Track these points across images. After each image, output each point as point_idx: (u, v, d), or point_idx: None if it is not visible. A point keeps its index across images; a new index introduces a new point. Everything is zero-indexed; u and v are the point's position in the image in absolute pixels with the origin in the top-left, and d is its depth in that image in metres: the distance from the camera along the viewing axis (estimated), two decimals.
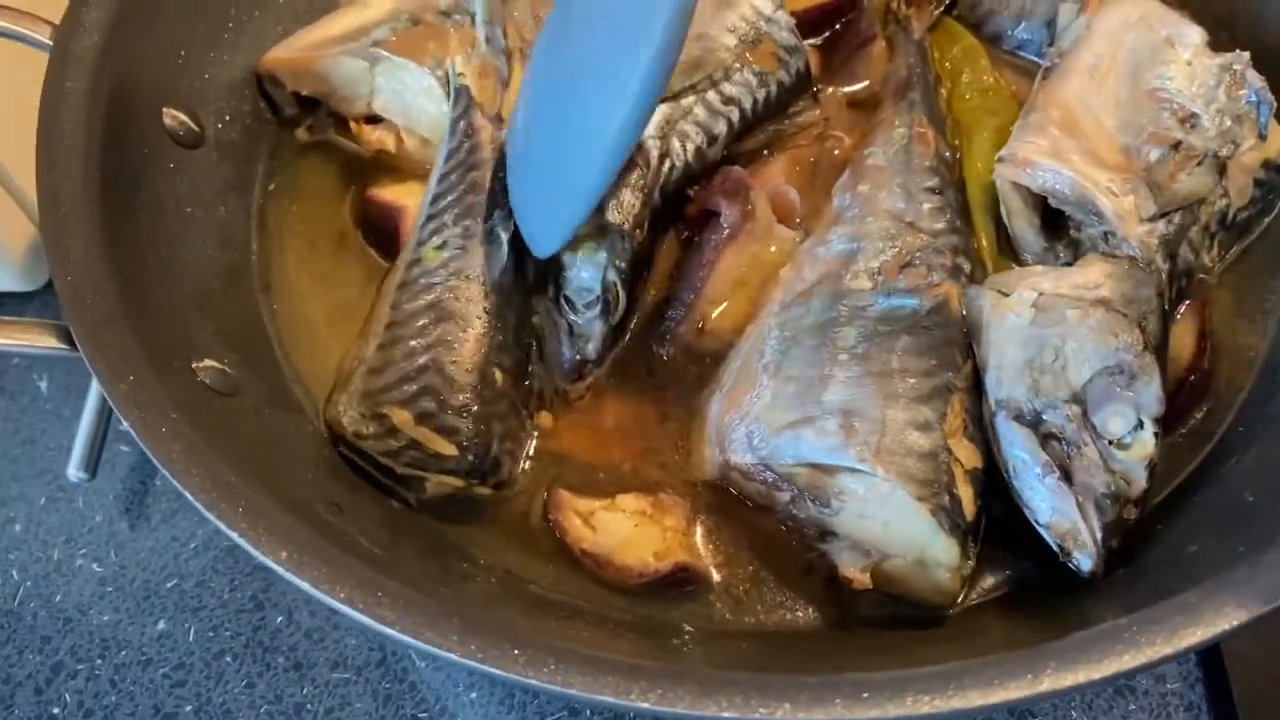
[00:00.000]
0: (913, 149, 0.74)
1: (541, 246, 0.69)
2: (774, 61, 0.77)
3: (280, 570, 0.51)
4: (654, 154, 0.72)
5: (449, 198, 0.73)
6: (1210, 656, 0.73)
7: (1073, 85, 0.74)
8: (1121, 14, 0.77)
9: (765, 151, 0.80)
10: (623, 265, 0.70)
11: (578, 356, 0.71)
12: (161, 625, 0.78)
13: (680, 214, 0.76)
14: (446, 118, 0.75)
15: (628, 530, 0.65)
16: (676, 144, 0.74)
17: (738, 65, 0.76)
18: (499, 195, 0.72)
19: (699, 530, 0.67)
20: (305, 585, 0.51)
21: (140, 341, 0.60)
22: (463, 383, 0.67)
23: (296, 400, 0.71)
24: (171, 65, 0.75)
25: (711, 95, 0.75)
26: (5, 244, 0.85)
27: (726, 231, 0.72)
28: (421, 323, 0.69)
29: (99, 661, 0.77)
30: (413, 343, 0.68)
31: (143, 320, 0.61)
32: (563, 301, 0.70)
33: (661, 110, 0.73)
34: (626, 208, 0.70)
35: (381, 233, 0.77)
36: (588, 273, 0.69)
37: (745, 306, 0.73)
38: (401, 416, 0.66)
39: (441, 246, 0.71)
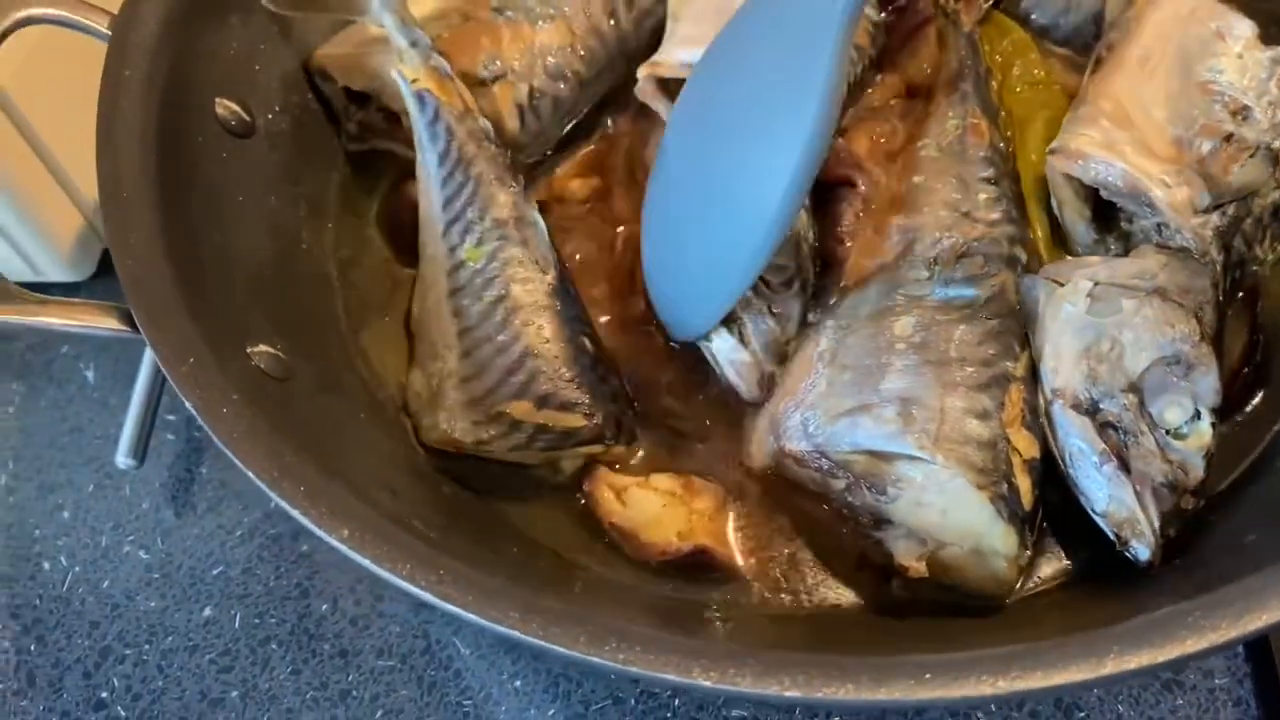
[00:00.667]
0: (967, 140, 0.73)
1: (687, 331, 0.68)
2: (866, 38, 0.77)
3: (343, 548, 0.52)
4: None
5: (462, 197, 0.73)
6: (1259, 651, 0.73)
7: (1123, 77, 0.74)
8: (1172, 6, 0.77)
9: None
10: (811, 240, 0.70)
11: (780, 334, 0.69)
12: (208, 612, 0.79)
13: None
14: (417, 126, 0.75)
15: (656, 508, 0.66)
16: None
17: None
18: (508, 176, 0.73)
19: (733, 517, 0.67)
20: (367, 563, 0.51)
21: (198, 326, 0.60)
22: (564, 357, 0.68)
23: (349, 385, 0.72)
24: (224, 56, 0.76)
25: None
26: (55, 234, 0.86)
27: (860, 202, 0.71)
28: (498, 318, 0.69)
29: (146, 647, 0.78)
30: (500, 338, 0.68)
31: (199, 305, 0.62)
32: (758, 283, 0.67)
33: None
34: None
35: (401, 226, 0.78)
36: (784, 249, 0.68)
37: None
38: (521, 408, 0.66)
39: (479, 243, 0.71)
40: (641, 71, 0.75)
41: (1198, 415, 0.60)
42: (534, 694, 0.74)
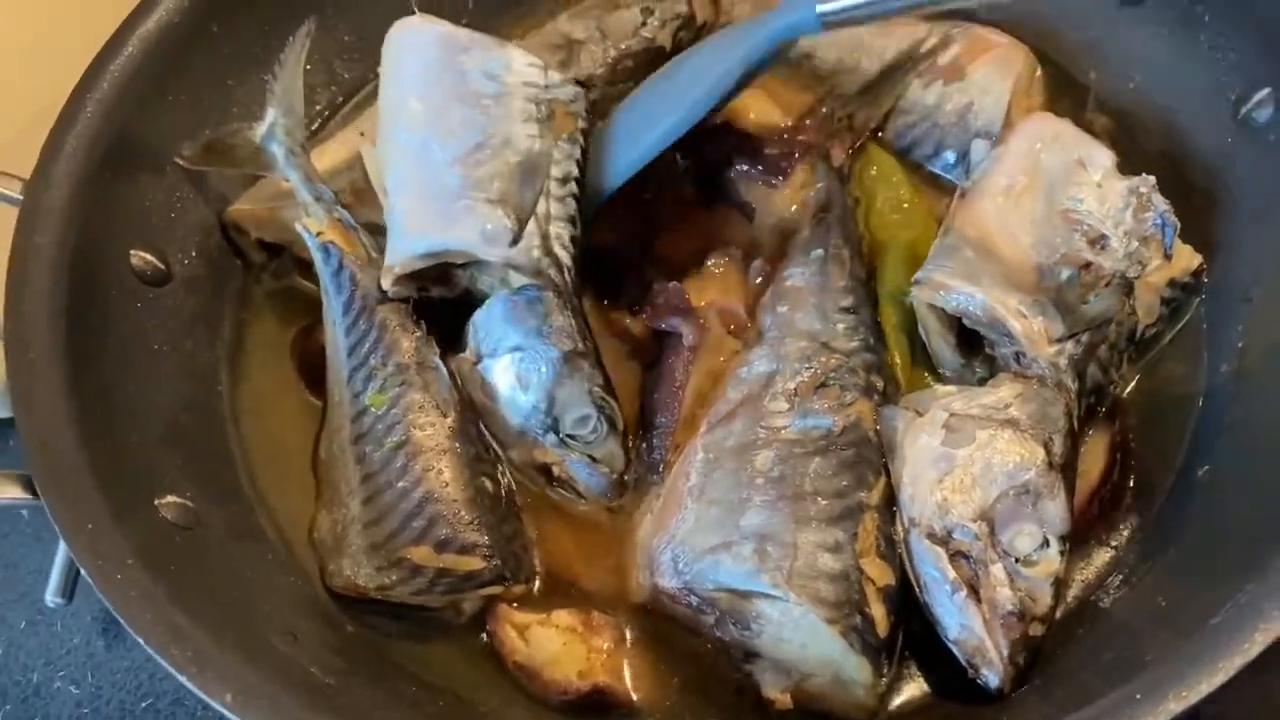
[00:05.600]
0: (829, 269, 0.77)
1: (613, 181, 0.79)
2: (572, 122, 0.79)
3: (225, 711, 0.54)
4: (553, 271, 0.74)
5: (366, 344, 0.76)
6: None
7: (988, 205, 0.77)
8: (1036, 131, 0.81)
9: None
10: (599, 378, 0.73)
11: (613, 475, 0.73)
12: None
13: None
14: (323, 276, 0.78)
15: (557, 646, 0.68)
16: (560, 250, 0.75)
17: (550, 146, 0.77)
18: (410, 322, 0.76)
19: (629, 651, 0.69)
20: None
21: (101, 486, 0.63)
22: (464, 500, 0.70)
23: (260, 529, 0.74)
24: (139, 209, 0.80)
25: (552, 187, 0.76)
26: None
27: (688, 353, 0.75)
28: (399, 463, 0.71)
29: None
30: (400, 484, 0.70)
31: (106, 463, 0.65)
32: (568, 442, 0.72)
33: (532, 229, 0.74)
34: (571, 332, 0.73)
35: (314, 367, 0.80)
36: (576, 402, 0.72)
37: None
38: (422, 553, 0.68)
39: (383, 389, 0.74)
40: (384, 280, 0.76)
41: (1046, 543, 0.63)
42: None
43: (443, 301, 0.79)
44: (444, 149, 0.76)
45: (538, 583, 0.73)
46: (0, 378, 0.87)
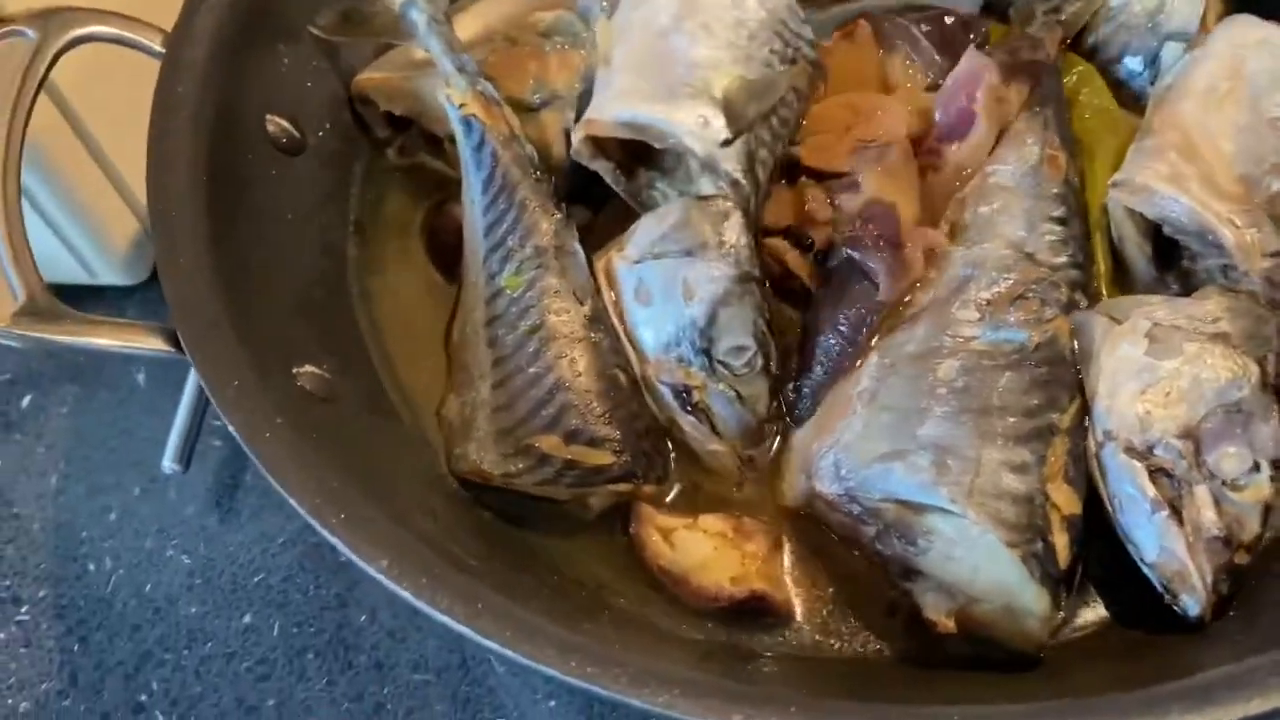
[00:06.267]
0: (1042, 171, 0.71)
1: None
2: (805, 78, 0.76)
3: (382, 578, 0.52)
4: (748, 190, 0.70)
5: (505, 223, 0.72)
6: None
7: (1189, 107, 0.71)
8: (1240, 35, 0.74)
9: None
10: (766, 312, 0.69)
11: (754, 419, 0.68)
12: (247, 619, 0.79)
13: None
14: (463, 151, 0.74)
15: (706, 551, 0.64)
16: (761, 174, 0.72)
17: (786, 83, 0.74)
18: (551, 204, 0.73)
19: (784, 558, 0.66)
20: (407, 595, 0.51)
21: (243, 347, 0.61)
22: (596, 391, 0.67)
23: (392, 407, 0.72)
24: (275, 73, 0.77)
25: (773, 119, 0.73)
26: (111, 239, 0.87)
27: (880, 313, 0.67)
28: (532, 348, 0.68)
29: (185, 652, 0.79)
30: (532, 370, 0.68)
31: (245, 326, 0.63)
32: (719, 368, 0.67)
33: (741, 145, 0.70)
34: (751, 255, 0.68)
35: (445, 247, 0.78)
36: (738, 329, 0.67)
37: None
38: (550, 442, 0.66)
39: (519, 271, 0.70)
40: (576, 133, 0.73)
41: (1256, 467, 0.58)
42: (568, 714, 0.74)
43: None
44: (687, 40, 0.73)
45: (675, 486, 0.69)
46: (129, 235, 0.88)
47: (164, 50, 0.71)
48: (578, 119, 0.75)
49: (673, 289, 0.68)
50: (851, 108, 0.75)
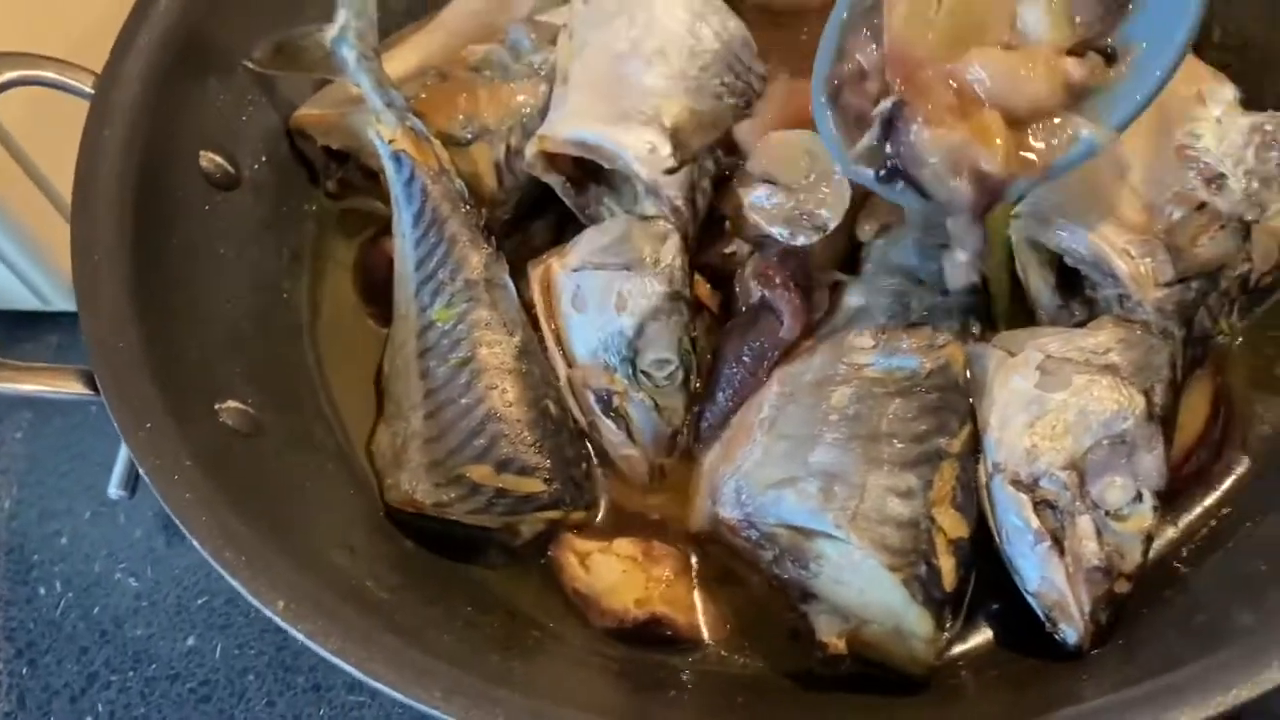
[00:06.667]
0: None
1: None
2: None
3: (278, 619, 0.54)
4: (687, 216, 0.73)
5: (435, 257, 0.74)
6: None
7: None
8: None
9: None
10: (692, 331, 0.71)
11: (668, 429, 0.71)
12: (191, 641, 0.82)
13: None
14: (394, 186, 0.76)
15: (616, 575, 0.66)
16: (700, 202, 0.74)
17: (731, 116, 0.76)
18: (481, 238, 0.74)
19: (691, 582, 0.68)
20: (300, 635, 0.53)
21: (161, 387, 0.63)
22: (527, 421, 0.69)
23: (318, 437, 0.74)
24: (209, 108, 0.78)
25: (718, 151, 0.75)
26: (61, 267, 0.88)
27: (781, 348, 0.69)
28: (464, 380, 0.70)
29: (131, 674, 0.81)
30: (464, 401, 0.69)
31: (167, 365, 0.64)
32: (642, 378, 0.70)
33: (684, 175, 0.73)
34: (684, 277, 0.71)
35: (375, 282, 0.80)
36: (663, 343, 0.70)
37: None
38: (481, 472, 0.67)
39: (450, 304, 0.72)
40: (530, 147, 0.75)
41: (1139, 497, 0.60)
42: None
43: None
44: (642, 65, 0.75)
45: (601, 511, 0.71)
46: (66, 272, 0.90)
47: (93, 93, 0.72)
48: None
49: (607, 299, 0.71)
50: None
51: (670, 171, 0.72)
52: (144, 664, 0.81)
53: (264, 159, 0.82)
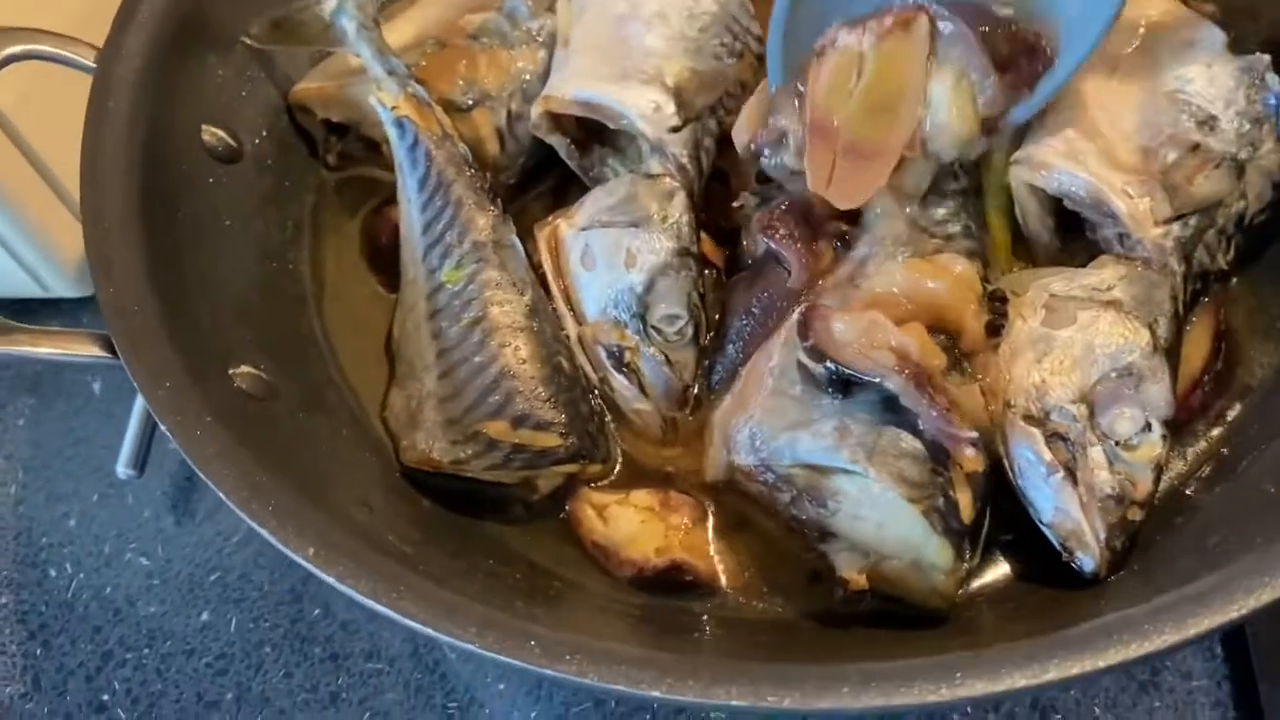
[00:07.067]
0: None
1: None
2: (751, 71, 0.79)
3: (308, 565, 0.54)
4: (693, 174, 0.74)
5: (442, 220, 0.75)
6: (1236, 651, 0.73)
7: (1091, 83, 0.73)
8: (1140, 10, 0.77)
9: None
10: (701, 286, 0.72)
11: (680, 383, 0.71)
12: (205, 616, 0.82)
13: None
14: (398, 152, 0.77)
15: (635, 525, 0.67)
16: (705, 160, 0.75)
17: (735, 74, 0.78)
18: (486, 200, 0.75)
19: (709, 530, 0.68)
20: (331, 579, 0.54)
21: (178, 350, 0.63)
22: (541, 377, 0.69)
23: (331, 402, 0.74)
24: (209, 84, 0.79)
25: (720, 110, 0.76)
26: (61, 252, 0.89)
27: (790, 299, 0.69)
28: (476, 339, 0.70)
29: (146, 651, 0.81)
30: (477, 359, 0.70)
31: (181, 330, 0.65)
32: (652, 333, 0.71)
33: (689, 133, 0.74)
34: (691, 233, 0.72)
35: (380, 249, 0.80)
36: (673, 298, 0.71)
37: None
38: (497, 428, 0.68)
39: (459, 266, 0.73)
40: (535, 108, 0.76)
41: (1148, 427, 0.61)
42: (517, 697, 0.77)
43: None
44: (642, 27, 0.76)
45: (617, 465, 0.72)
46: (79, 249, 0.89)
47: (95, 66, 0.72)
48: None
49: (616, 256, 0.72)
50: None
51: (675, 129, 0.74)
52: (159, 640, 0.81)
53: (265, 133, 0.82)
